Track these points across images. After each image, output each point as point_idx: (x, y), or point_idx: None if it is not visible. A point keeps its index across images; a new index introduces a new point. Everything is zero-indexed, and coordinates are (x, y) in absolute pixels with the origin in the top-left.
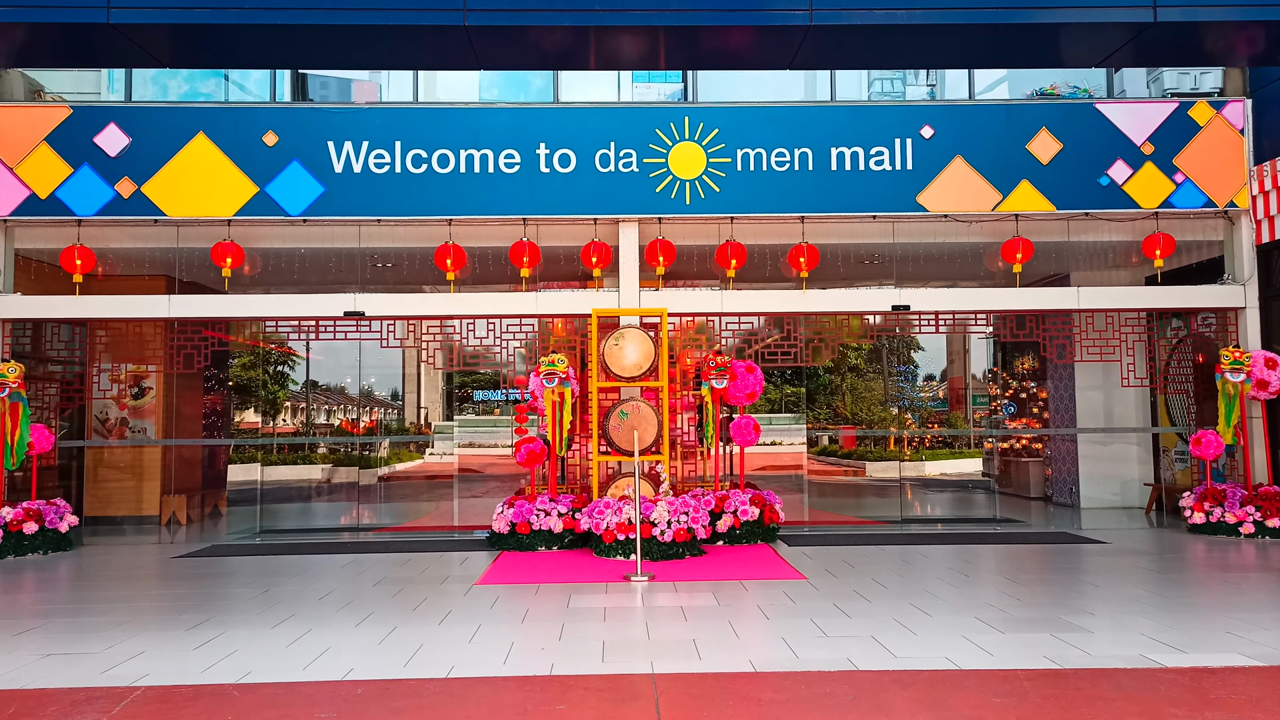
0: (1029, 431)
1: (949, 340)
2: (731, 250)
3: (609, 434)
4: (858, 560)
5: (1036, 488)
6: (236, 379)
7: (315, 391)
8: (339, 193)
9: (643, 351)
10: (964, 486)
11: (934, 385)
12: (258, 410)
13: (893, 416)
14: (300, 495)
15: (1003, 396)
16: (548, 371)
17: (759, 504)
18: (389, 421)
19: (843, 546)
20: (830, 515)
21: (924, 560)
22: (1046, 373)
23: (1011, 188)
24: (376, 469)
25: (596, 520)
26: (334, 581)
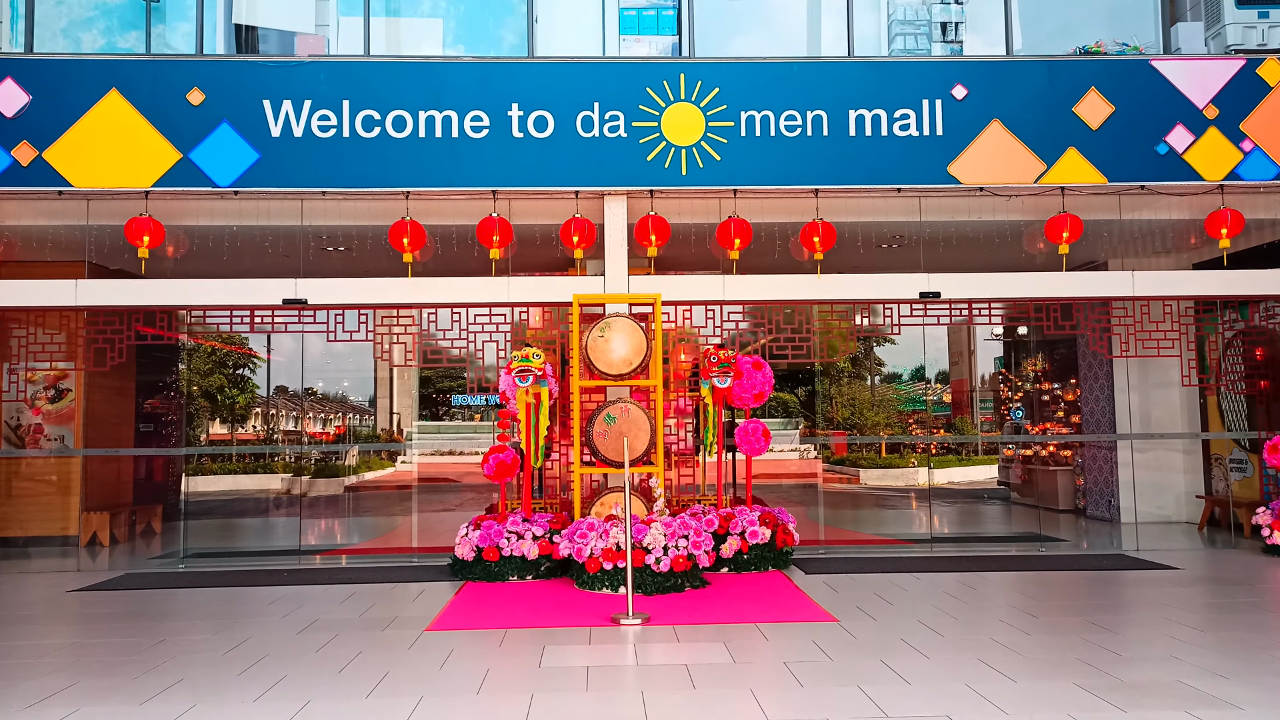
0: (1060, 438)
1: (950, 341)
2: (735, 228)
3: (593, 441)
4: (891, 592)
5: (1066, 499)
6: (193, 382)
7: (280, 396)
8: (277, 160)
9: (633, 345)
10: (979, 497)
11: (938, 389)
12: (216, 417)
13: (884, 420)
14: (253, 509)
15: (1013, 400)
16: (520, 368)
17: (770, 524)
18: (361, 427)
19: (869, 574)
20: (847, 533)
21: (971, 593)
22: (1079, 372)
23: (1057, 156)
24: (343, 478)
25: (578, 545)
26: (251, 627)
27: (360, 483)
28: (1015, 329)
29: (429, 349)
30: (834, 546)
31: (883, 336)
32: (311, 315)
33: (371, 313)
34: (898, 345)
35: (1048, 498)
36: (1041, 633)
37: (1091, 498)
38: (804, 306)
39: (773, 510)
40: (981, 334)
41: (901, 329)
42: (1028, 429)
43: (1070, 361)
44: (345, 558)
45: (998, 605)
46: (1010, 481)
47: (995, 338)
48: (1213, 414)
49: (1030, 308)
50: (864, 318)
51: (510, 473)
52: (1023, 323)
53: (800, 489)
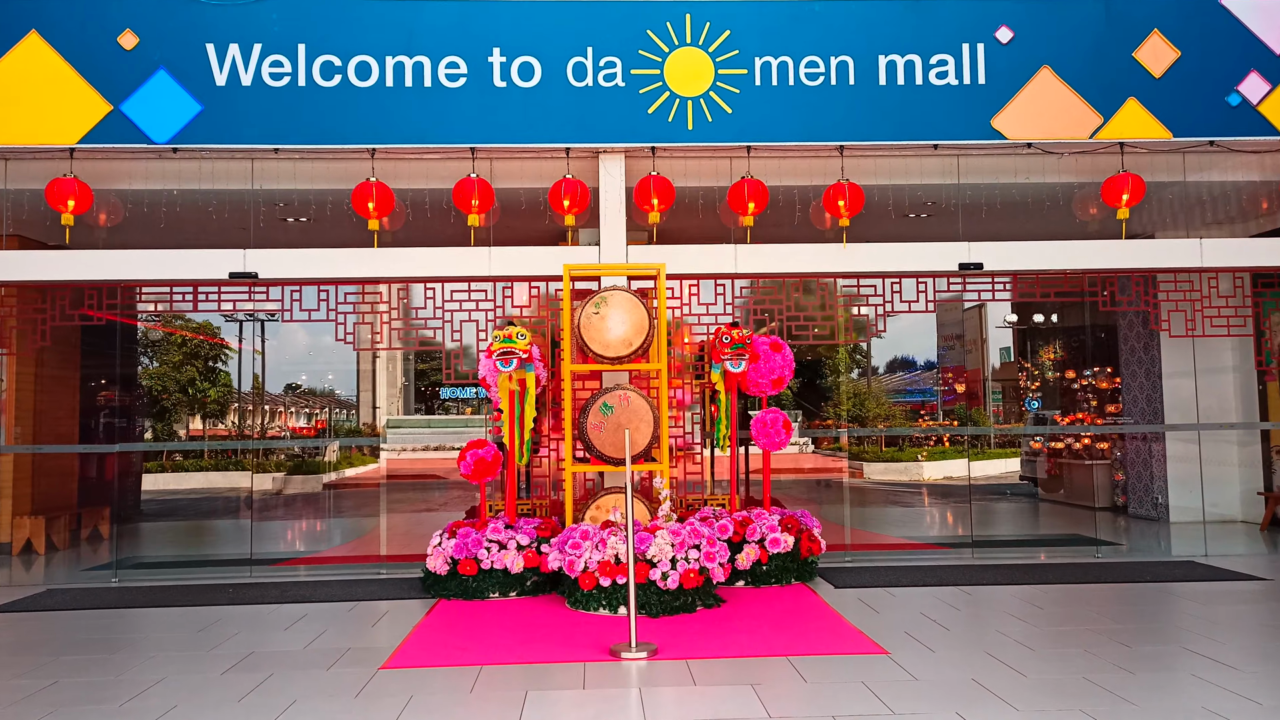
0: (1105, 429)
1: (964, 327)
2: (749, 190)
3: (588, 435)
4: (942, 613)
5: (1103, 495)
6: (163, 373)
7: (256, 390)
8: (222, 113)
9: (632, 323)
10: (1001, 493)
11: (948, 378)
12: (188, 411)
13: (884, 412)
14: (222, 510)
15: (1030, 389)
16: (502, 350)
17: (793, 529)
18: (347, 421)
19: (908, 587)
20: (873, 535)
21: (1038, 613)
22: (1120, 358)
23: (1115, 108)
24: (322, 475)
25: (570, 557)
26: (168, 664)
27: (340, 480)
28: (1031, 315)
29: (400, 330)
30: (861, 553)
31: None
32: (264, 292)
33: (333, 289)
34: (894, 335)
35: (1081, 494)
36: (1144, 668)
37: (1134, 494)
38: (827, 280)
39: (794, 514)
40: (993, 320)
41: (936, 305)
42: (1055, 419)
43: (1100, 347)
44: (305, 569)
45: (1077, 630)
46: (1036, 477)
47: (1007, 324)
48: (1273, 402)
49: (1084, 281)
50: (894, 292)
51: (490, 472)
52: (1074, 298)
53: (810, 487)
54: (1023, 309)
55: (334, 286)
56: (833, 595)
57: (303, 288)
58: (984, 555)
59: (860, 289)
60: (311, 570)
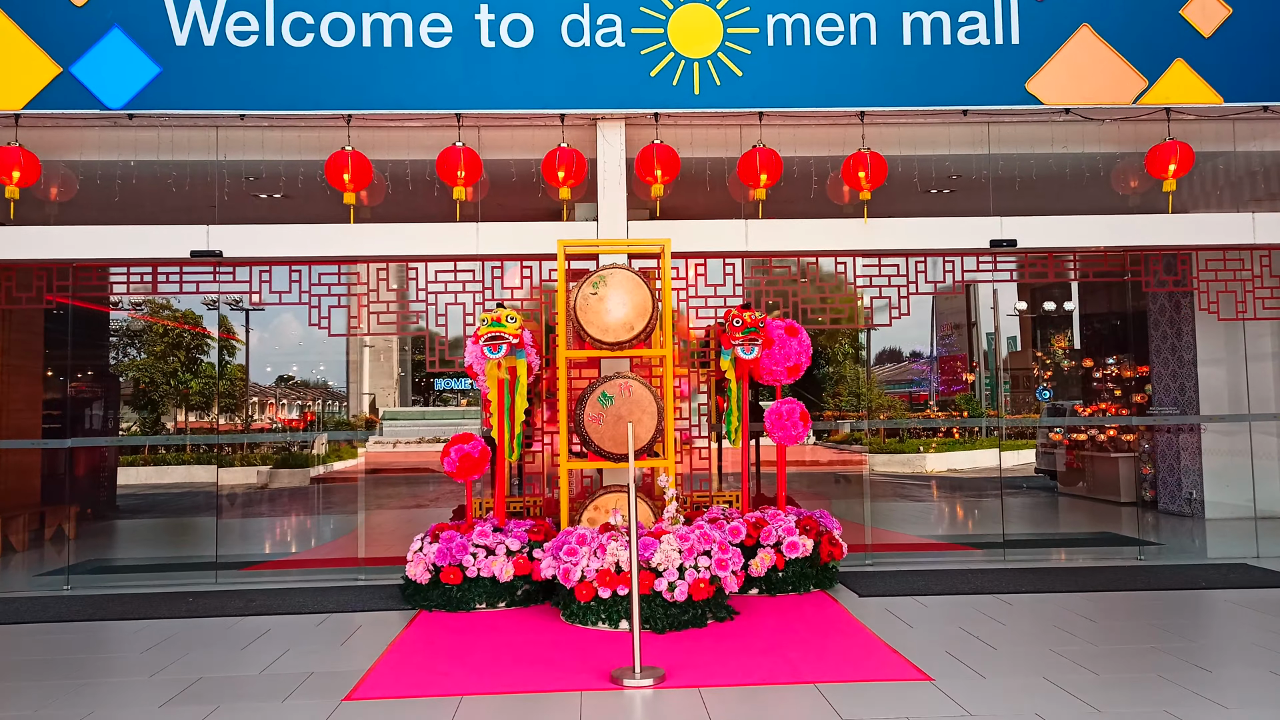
0: (1151, 419)
1: (969, 315)
2: (761, 160)
3: (585, 428)
4: (984, 627)
5: (1128, 489)
6: (144, 365)
7: (242, 381)
8: (183, 76)
9: (634, 304)
10: (1017, 486)
11: (958, 367)
12: (172, 404)
13: (886, 402)
14: (204, 506)
15: (1042, 378)
16: (491, 335)
17: (812, 532)
18: (335, 413)
19: (939, 595)
20: (895, 535)
21: (1091, 626)
22: (1151, 344)
23: (1161, 70)
24: (309, 469)
25: (565, 565)
26: (103, 691)
27: (329, 474)
28: (1041, 303)
29: (380, 315)
30: (882, 555)
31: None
32: (230, 273)
33: (306, 269)
34: (891, 326)
35: (1105, 488)
36: (1234, 698)
37: (1164, 489)
38: (844, 260)
39: (813, 514)
40: (1004, 308)
41: (967, 285)
42: (1075, 410)
43: (1118, 334)
44: (276, 574)
45: (1142, 649)
46: (1055, 470)
47: (1016, 312)
48: None
49: (1125, 260)
50: (919, 272)
51: (477, 469)
52: (1114, 278)
53: (813, 480)
54: (1035, 296)
55: (307, 267)
56: (858, 605)
57: (272, 268)
58: (1017, 558)
59: (881, 268)
60: (283, 576)
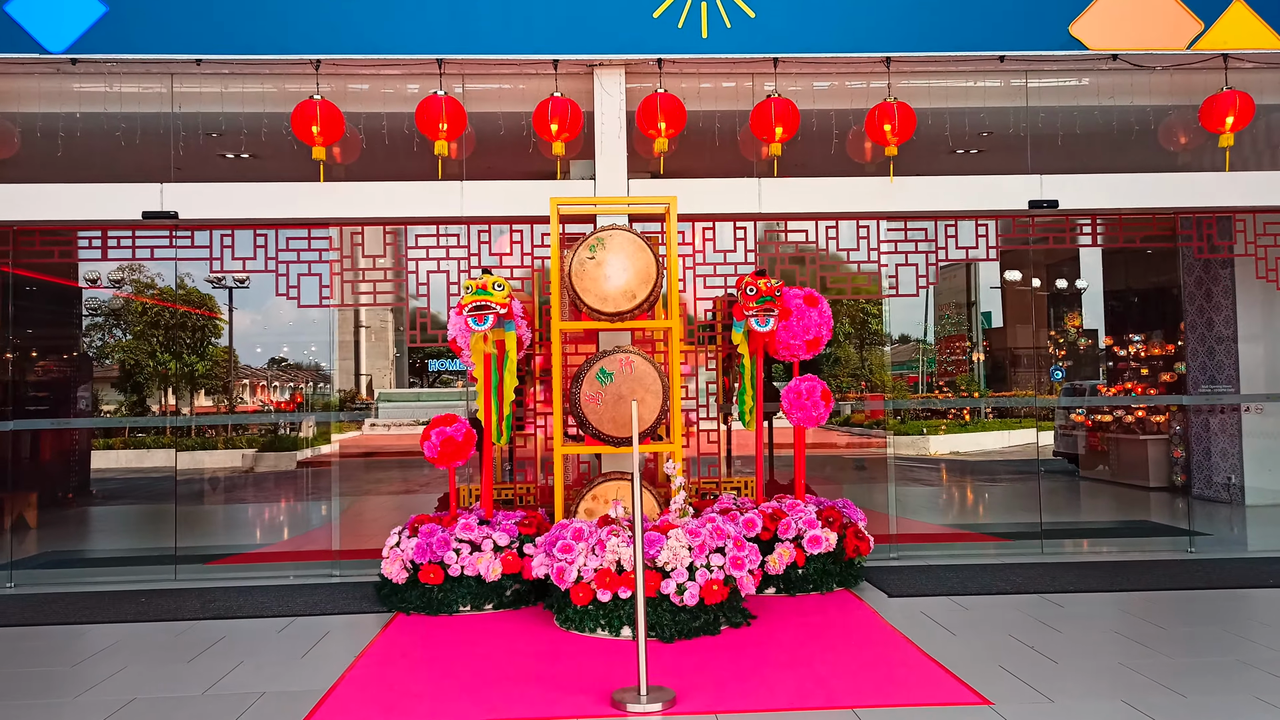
0: (1213, 398)
1: (969, 294)
2: (776, 111)
3: (582, 408)
4: (1038, 635)
5: (1157, 474)
6: (127, 346)
7: (227, 362)
8: (133, 16)
9: (636, 269)
10: (1032, 469)
11: (965, 347)
12: (155, 385)
13: (891, 382)
14: (184, 493)
15: (1056, 357)
16: (475, 305)
17: (835, 524)
18: (323, 395)
19: (979, 595)
20: (921, 525)
21: (1160, 634)
22: (1187, 318)
23: (1218, 11)
24: (296, 452)
25: (559, 563)
26: (21, 716)
27: (315, 457)
28: (1054, 280)
29: (353, 283)
30: (908, 547)
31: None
32: (188, 236)
33: (272, 233)
34: (918, 296)
35: (1132, 471)
36: None
37: (1198, 473)
38: (869, 222)
39: (835, 504)
40: (1025, 282)
41: (1000, 253)
42: (1099, 390)
43: (1135, 311)
44: (242, 568)
45: (1226, 661)
46: (1075, 453)
47: (1032, 287)
48: None
49: (1175, 223)
50: (949, 237)
51: (461, 455)
52: (1164, 242)
53: (819, 464)
54: (1049, 272)
55: (273, 230)
56: (888, 607)
57: (235, 231)
58: (1056, 550)
59: (908, 232)
60: (249, 571)
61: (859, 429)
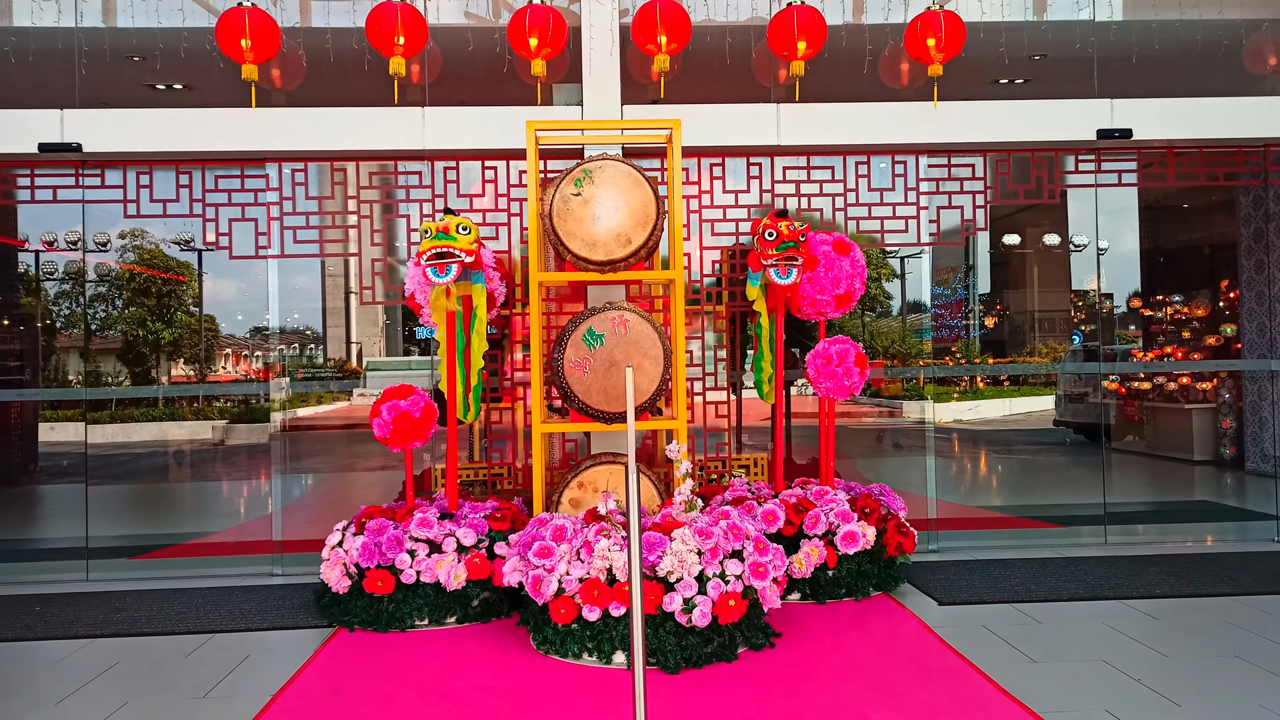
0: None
1: (966, 258)
2: (799, 21)
3: (566, 378)
4: (1138, 658)
5: (1205, 446)
6: (76, 315)
7: (195, 331)
8: None
9: (632, 208)
10: (1058, 441)
11: (977, 311)
12: (118, 355)
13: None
14: (146, 469)
15: (1078, 320)
16: (435, 252)
17: (872, 515)
18: (308, 359)
19: (1047, 602)
20: (962, 508)
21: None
22: (1240, 276)
23: None
24: (269, 423)
25: (537, 569)
26: None
27: (294, 425)
28: (1068, 240)
29: (295, 229)
30: (950, 535)
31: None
32: (97, 175)
33: (199, 171)
34: (963, 244)
35: (1174, 443)
36: None
37: (1253, 446)
38: (906, 156)
39: (870, 491)
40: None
41: (1062, 193)
42: (1135, 356)
43: (1188, 268)
44: (167, 564)
45: None
46: (1087, 421)
47: (1075, 248)
48: None
49: (1266, 156)
50: (1000, 174)
51: (419, 434)
52: (1251, 180)
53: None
54: (1228, 182)
55: (200, 167)
56: (943, 620)
57: (154, 169)
58: (1124, 539)
59: (952, 169)
60: (177, 568)
61: (866, 398)
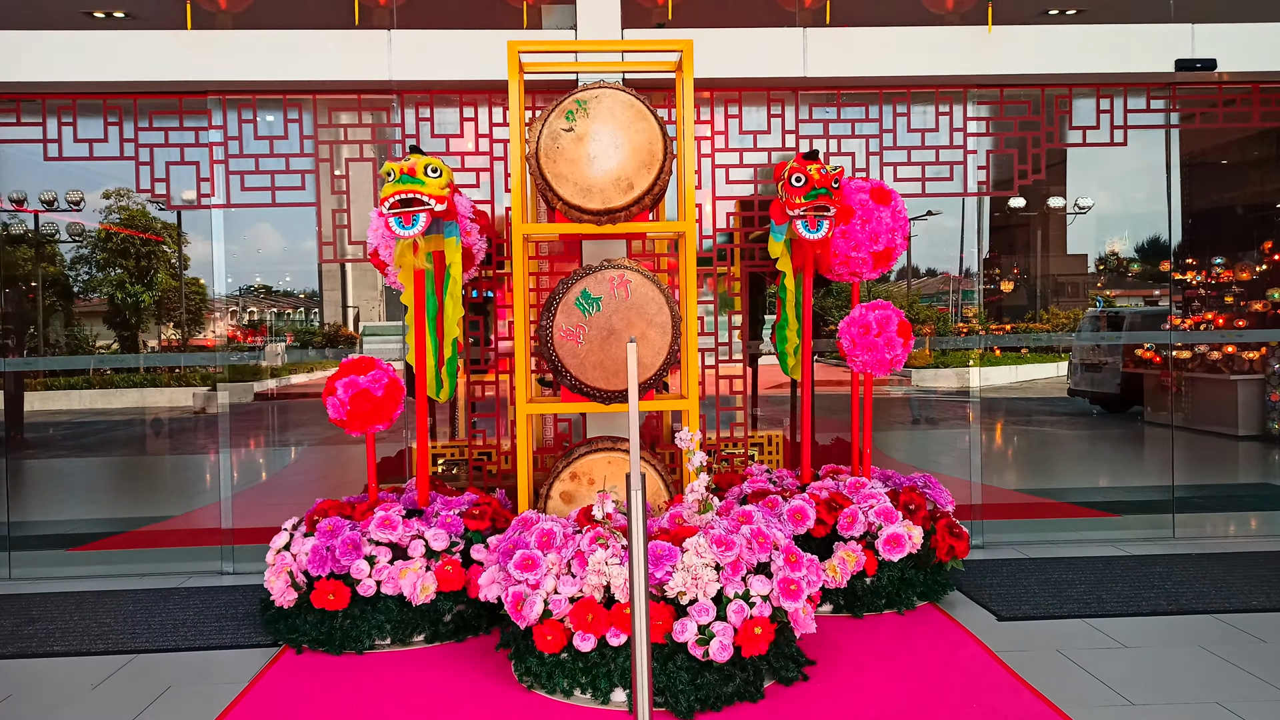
0: None
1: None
2: None
3: (556, 349)
4: (1259, 696)
5: (1248, 420)
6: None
7: (180, 292)
8: None
9: (634, 147)
10: (1067, 410)
11: (991, 276)
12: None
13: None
14: (123, 438)
15: (1100, 284)
16: (401, 198)
17: (918, 512)
18: (302, 325)
19: (1126, 617)
20: (1005, 492)
21: None
22: None
23: None
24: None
25: (518, 584)
26: None
27: (282, 391)
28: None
29: (243, 174)
30: (997, 527)
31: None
32: (11, 109)
33: (130, 105)
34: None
35: (1212, 417)
36: None
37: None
38: (953, 91)
39: (913, 483)
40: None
41: (1128, 134)
42: (1172, 322)
43: (1225, 229)
44: (104, 559)
45: None
46: (1106, 391)
47: (1080, 210)
48: None
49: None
50: (1060, 113)
51: (381, 415)
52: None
53: (830, 406)
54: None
55: (131, 100)
56: (1005, 641)
57: (76, 102)
58: (1191, 531)
59: (1004, 106)
60: (117, 563)
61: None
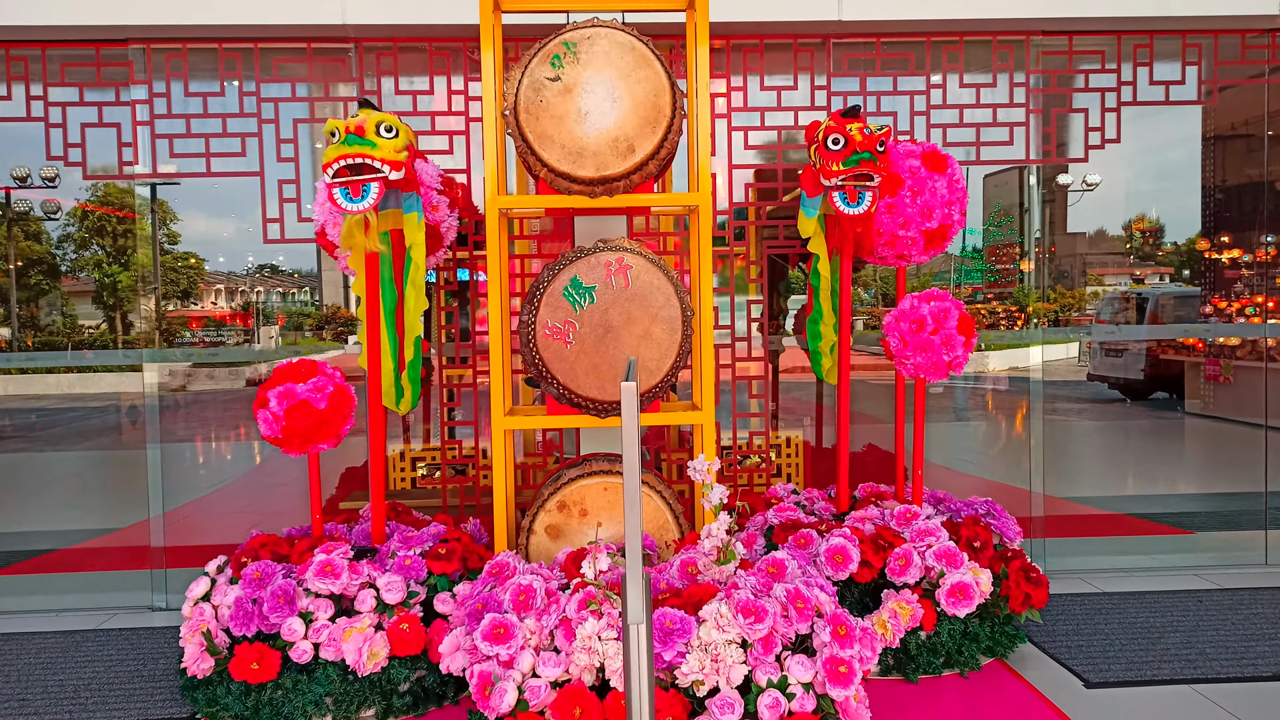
0: None
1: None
2: None
3: (539, 350)
4: None
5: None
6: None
7: (156, 273)
8: None
9: (636, 100)
10: (1089, 395)
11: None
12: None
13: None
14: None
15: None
16: (348, 163)
17: (983, 551)
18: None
19: (1247, 684)
20: (1058, 502)
21: None
22: None
23: None
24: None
25: (485, 662)
26: None
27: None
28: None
29: (173, 138)
30: (1060, 545)
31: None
32: None
33: (37, 57)
34: (1088, 161)
35: (1243, 406)
36: None
37: None
38: (1014, 39)
39: (974, 510)
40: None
41: (1218, 92)
42: (1217, 307)
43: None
44: (35, 582)
45: None
46: (1119, 376)
47: (1087, 187)
48: None
49: None
50: (1139, 64)
51: (324, 432)
52: None
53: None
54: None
55: (38, 50)
56: (1096, 716)
57: None
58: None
59: (1073, 59)
60: (36, 593)
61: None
